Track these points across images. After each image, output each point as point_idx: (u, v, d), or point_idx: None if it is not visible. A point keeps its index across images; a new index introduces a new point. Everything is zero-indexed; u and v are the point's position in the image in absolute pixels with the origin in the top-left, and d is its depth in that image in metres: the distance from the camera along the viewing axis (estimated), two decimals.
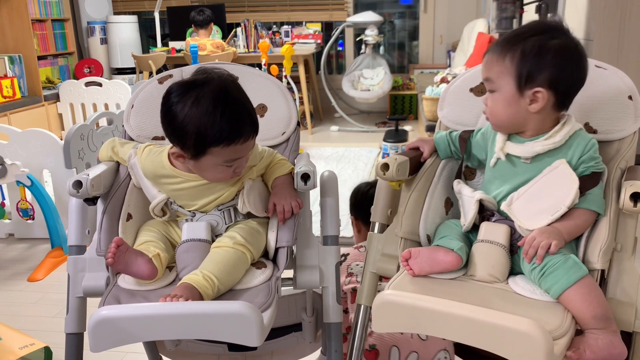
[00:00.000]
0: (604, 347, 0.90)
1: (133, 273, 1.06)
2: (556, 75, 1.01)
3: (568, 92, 1.05)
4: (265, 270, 1.11)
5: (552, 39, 1.02)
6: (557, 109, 1.06)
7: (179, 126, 1.07)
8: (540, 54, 1.01)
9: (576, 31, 2.48)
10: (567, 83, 1.03)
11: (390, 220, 1.20)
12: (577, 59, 1.04)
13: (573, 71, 1.03)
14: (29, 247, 2.71)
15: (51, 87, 4.86)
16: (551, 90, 1.02)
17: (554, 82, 1.02)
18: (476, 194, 1.10)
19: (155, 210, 1.18)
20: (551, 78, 1.01)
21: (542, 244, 0.97)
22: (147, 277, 1.06)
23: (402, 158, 1.14)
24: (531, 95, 1.03)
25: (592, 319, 0.91)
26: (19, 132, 2.65)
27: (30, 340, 1.58)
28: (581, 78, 1.05)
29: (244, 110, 1.10)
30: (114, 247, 1.01)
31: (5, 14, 4.42)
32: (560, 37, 1.03)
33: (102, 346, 0.90)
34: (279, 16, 5.77)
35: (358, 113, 5.75)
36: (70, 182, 1.11)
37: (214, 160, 1.09)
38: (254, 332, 0.90)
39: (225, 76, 1.12)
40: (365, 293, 1.17)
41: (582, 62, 1.05)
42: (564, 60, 1.02)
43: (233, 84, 1.13)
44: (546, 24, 1.08)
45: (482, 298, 0.97)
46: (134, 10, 5.84)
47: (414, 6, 5.78)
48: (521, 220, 1.03)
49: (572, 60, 1.03)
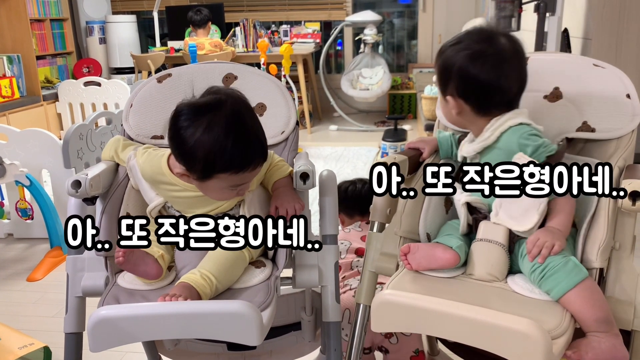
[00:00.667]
0: (607, 351, 0.90)
1: (140, 273, 1.07)
2: (461, 86, 1.08)
3: (484, 98, 1.08)
4: (265, 270, 1.11)
5: (464, 49, 1.07)
6: (481, 113, 1.09)
7: (188, 150, 1.03)
8: (448, 67, 1.09)
9: (575, 30, 2.49)
10: (477, 91, 1.08)
11: (389, 220, 1.20)
12: (493, 66, 1.06)
13: (484, 79, 1.06)
14: (28, 247, 2.70)
15: (50, 86, 4.85)
16: (461, 98, 1.09)
17: (460, 91, 1.09)
18: (462, 197, 1.11)
19: (152, 213, 1.17)
20: (457, 88, 1.09)
21: (547, 244, 0.97)
22: (154, 277, 1.07)
23: (401, 157, 1.14)
24: (450, 101, 1.11)
25: (595, 322, 0.92)
26: (18, 131, 2.65)
27: (30, 340, 1.58)
28: (500, 84, 1.06)
29: (255, 138, 1.06)
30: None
31: (4, 13, 4.41)
32: (475, 46, 1.07)
33: (102, 346, 0.90)
34: (277, 15, 5.76)
35: (357, 112, 5.75)
36: (69, 182, 1.11)
37: (220, 184, 1.06)
38: (253, 332, 0.90)
39: (238, 99, 1.08)
40: (364, 292, 1.17)
41: (500, 69, 1.06)
42: (472, 70, 1.06)
43: (246, 108, 1.09)
44: (472, 32, 1.11)
45: (481, 297, 0.97)
46: (132, 10, 5.83)
47: (413, 5, 5.78)
48: (514, 226, 1.04)
49: (483, 68, 1.06)
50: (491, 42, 1.07)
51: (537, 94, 1.23)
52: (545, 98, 1.22)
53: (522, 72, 1.10)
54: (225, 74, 1.36)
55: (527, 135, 1.04)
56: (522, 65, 1.10)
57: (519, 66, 1.09)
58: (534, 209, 1.01)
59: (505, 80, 1.06)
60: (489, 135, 1.08)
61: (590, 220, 1.05)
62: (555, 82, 1.22)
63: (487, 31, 1.10)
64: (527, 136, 1.04)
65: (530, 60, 1.24)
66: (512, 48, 1.08)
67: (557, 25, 2.26)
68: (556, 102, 1.21)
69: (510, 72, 1.07)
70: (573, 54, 1.32)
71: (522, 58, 1.10)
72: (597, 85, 1.19)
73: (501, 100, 1.08)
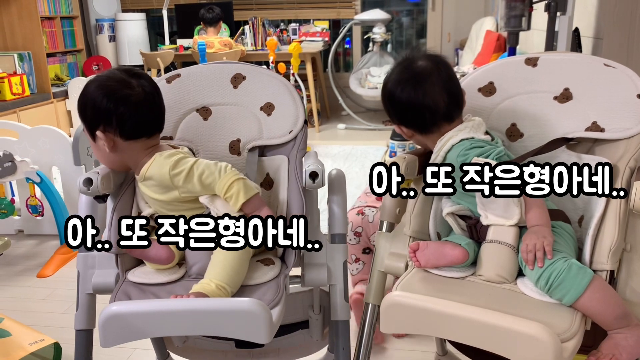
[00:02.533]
0: (635, 345, 0.91)
1: (151, 258, 1.09)
2: (395, 112, 1.17)
3: (416, 118, 1.14)
4: (274, 267, 1.12)
5: (389, 80, 1.16)
6: (424, 133, 1.15)
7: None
8: (384, 98, 1.18)
9: (585, 29, 2.47)
10: (407, 114, 1.15)
11: (398, 219, 1.20)
12: (412, 88, 1.12)
13: (407, 101, 1.13)
14: (38, 243, 2.73)
15: (60, 84, 4.88)
16: (402, 124, 1.17)
17: (397, 117, 1.17)
18: (445, 208, 1.13)
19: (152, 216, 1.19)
20: (394, 115, 1.18)
21: (537, 246, 0.98)
22: (165, 260, 1.09)
23: (411, 157, 1.14)
24: (398, 128, 1.18)
25: (615, 320, 0.92)
26: (29, 129, 2.67)
27: (40, 336, 1.59)
28: (424, 102, 1.12)
29: None
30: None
31: (15, 11, 4.45)
32: (395, 76, 1.15)
33: (112, 341, 0.91)
34: (286, 14, 5.76)
35: (365, 111, 5.74)
36: (81, 179, 1.12)
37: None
38: (262, 329, 0.91)
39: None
40: (373, 292, 1.17)
41: (419, 88, 1.11)
42: (397, 95, 1.14)
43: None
44: (396, 63, 1.19)
45: (491, 299, 0.97)
46: (142, 8, 5.85)
47: (422, 4, 5.76)
48: (504, 223, 1.04)
49: (404, 92, 1.13)
50: (409, 68, 1.14)
51: (546, 94, 1.23)
52: (555, 99, 1.22)
53: (447, 86, 1.13)
54: (234, 74, 1.36)
55: (465, 151, 1.08)
56: (444, 80, 1.13)
57: (440, 81, 1.12)
58: (510, 203, 1.03)
59: (426, 97, 1.11)
60: (436, 156, 1.13)
61: (599, 221, 1.04)
62: (565, 82, 1.22)
63: (408, 59, 1.17)
64: (465, 151, 1.07)
65: (540, 60, 1.24)
66: (431, 67, 1.13)
67: (568, 25, 2.25)
68: (566, 104, 1.21)
69: (430, 88, 1.11)
70: (583, 54, 1.31)
71: (442, 73, 1.13)
72: (607, 85, 1.18)
73: (433, 117, 1.13)
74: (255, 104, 1.34)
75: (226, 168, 1.14)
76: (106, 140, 1.13)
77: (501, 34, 3.99)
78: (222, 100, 1.35)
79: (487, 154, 1.06)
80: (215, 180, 1.12)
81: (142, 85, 1.15)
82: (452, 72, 1.16)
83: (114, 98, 1.11)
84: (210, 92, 1.35)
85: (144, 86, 1.15)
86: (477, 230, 1.10)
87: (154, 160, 1.15)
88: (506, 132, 1.25)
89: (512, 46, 2.46)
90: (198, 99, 1.34)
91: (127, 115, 1.12)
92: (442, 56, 1.18)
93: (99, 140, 1.14)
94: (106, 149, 1.14)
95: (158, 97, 1.19)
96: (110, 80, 1.13)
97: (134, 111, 1.12)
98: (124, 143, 1.14)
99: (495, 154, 1.06)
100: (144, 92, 1.14)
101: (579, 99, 1.20)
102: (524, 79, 1.24)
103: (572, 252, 1.04)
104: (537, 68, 1.24)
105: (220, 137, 1.33)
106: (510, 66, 1.26)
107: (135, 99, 1.13)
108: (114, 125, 1.12)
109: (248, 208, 1.13)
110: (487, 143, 1.09)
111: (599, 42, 2.36)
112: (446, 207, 1.13)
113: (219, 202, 1.14)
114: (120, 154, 1.15)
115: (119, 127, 1.12)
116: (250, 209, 1.13)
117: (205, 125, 1.33)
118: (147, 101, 1.15)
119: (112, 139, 1.13)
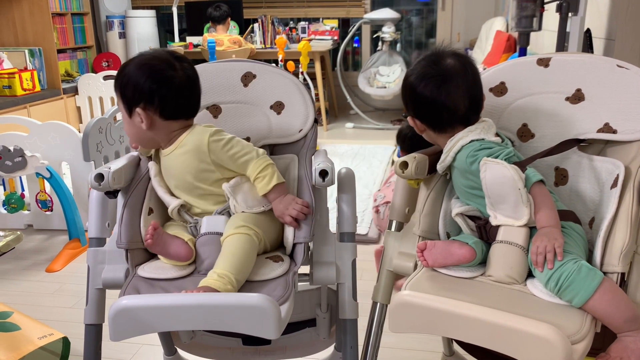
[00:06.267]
0: None
1: (171, 254, 1.11)
2: (413, 105, 1.16)
3: (433, 116, 1.14)
4: (283, 264, 1.12)
5: (413, 73, 1.14)
6: (437, 130, 1.15)
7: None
8: (404, 89, 1.17)
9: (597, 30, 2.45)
10: (426, 110, 1.14)
11: (407, 219, 1.20)
12: (436, 86, 1.11)
13: (429, 98, 1.12)
14: (47, 238, 2.75)
15: (70, 80, 4.91)
16: (417, 118, 1.17)
17: (414, 111, 1.16)
18: (454, 209, 1.13)
19: (172, 213, 1.21)
20: (412, 108, 1.17)
21: (548, 248, 0.97)
22: (184, 257, 1.11)
23: (421, 157, 1.14)
24: (412, 121, 1.18)
25: (624, 323, 0.91)
26: (39, 124, 2.69)
27: (49, 331, 1.60)
28: (445, 102, 1.11)
29: None
30: (151, 230, 1.07)
31: (27, 7, 4.47)
32: (421, 69, 1.13)
33: (122, 335, 0.92)
34: (296, 12, 5.77)
35: (373, 110, 5.73)
36: (92, 175, 1.13)
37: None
38: (271, 325, 0.91)
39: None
40: (382, 291, 1.17)
41: (443, 88, 1.11)
42: (419, 90, 1.13)
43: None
44: (424, 57, 1.18)
45: (500, 300, 0.96)
46: (152, 5, 5.87)
47: (431, 3, 5.75)
48: (513, 223, 1.04)
49: (427, 88, 1.12)
50: (437, 63, 1.13)
51: (558, 95, 1.22)
52: (567, 100, 1.21)
53: (471, 90, 1.13)
54: (245, 72, 1.36)
55: (474, 152, 1.08)
56: (469, 83, 1.13)
57: (465, 84, 1.12)
58: (519, 203, 1.02)
59: (449, 98, 1.11)
60: (446, 157, 1.13)
61: (610, 222, 1.04)
62: (577, 83, 1.21)
63: (436, 53, 1.16)
64: (474, 152, 1.07)
65: (552, 61, 1.24)
66: (458, 67, 1.12)
67: (580, 26, 2.23)
68: (578, 104, 1.20)
69: (454, 90, 1.11)
70: (596, 55, 1.30)
71: (469, 76, 1.13)
72: (620, 87, 1.18)
73: (451, 118, 1.12)
74: (266, 103, 1.35)
75: (263, 152, 1.19)
76: (145, 118, 1.15)
77: (511, 34, 3.97)
78: (233, 98, 1.35)
79: (496, 154, 1.06)
80: (253, 159, 1.16)
81: (185, 68, 1.17)
82: (477, 77, 1.15)
83: (158, 78, 1.14)
84: (221, 90, 1.36)
85: (186, 69, 1.18)
86: (486, 231, 1.09)
87: (194, 129, 1.19)
88: (517, 133, 1.24)
89: (523, 47, 2.44)
90: (208, 96, 1.34)
91: (170, 96, 1.15)
92: (470, 57, 1.17)
93: (135, 117, 1.16)
94: (142, 126, 1.16)
95: (198, 81, 1.22)
96: (155, 60, 1.16)
97: (177, 93, 1.15)
98: (162, 122, 1.16)
99: (504, 155, 1.06)
100: (186, 75, 1.17)
101: (591, 100, 1.19)
102: (536, 80, 1.24)
103: (582, 253, 1.03)
104: (549, 68, 1.23)
105: None
106: (522, 66, 1.26)
107: (178, 80, 1.15)
108: (155, 104, 1.14)
109: (274, 193, 1.16)
110: (497, 144, 1.09)
111: (611, 43, 2.34)
112: (455, 207, 1.13)
113: (240, 196, 1.17)
114: (155, 132, 1.18)
115: (160, 107, 1.14)
116: (276, 194, 1.16)
117: (216, 123, 1.33)
118: (189, 84, 1.18)
119: (150, 117, 1.15)
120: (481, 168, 1.04)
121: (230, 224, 1.13)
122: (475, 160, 1.06)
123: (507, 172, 1.02)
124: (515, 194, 1.02)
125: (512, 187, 1.01)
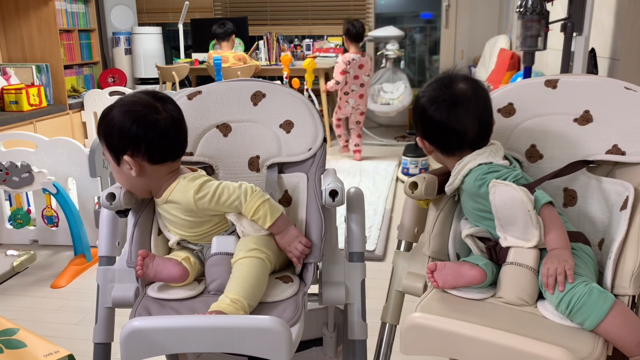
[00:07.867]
0: None
1: (165, 278, 1.09)
2: (423, 127, 1.17)
3: (442, 139, 1.15)
4: (292, 285, 1.12)
5: (425, 95, 1.15)
6: (445, 153, 1.16)
7: None
8: (414, 110, 1.19)
9: (602, 50, 2.47)
10: (435, 132, 1.16)
11: (416, 239, 1.20)
12: (446, 109, 1.12)
13: (438, 121, 1.13)
14: (52, 253, 2.74)
15: (76, 95, 4.94)
16: (426, 139, 1.18)
17: (423, 132, 1.18)
18: (464, 230, 1.14)
19: (173, 247, 1.20)
20: (421, 129, 1.18)
21: (558, 270, 0.97)
22: (179, 278, 1.10)
23: (431, 177, 1.15)
24: (421, 142, 1.19)
25: (637, 346, 0.91)
26: (46, 140, 2.70)
27: (55, 348, 1.59)
28: (454, 126, 1.12)
29: None
30: (140, 260, 1.06)
31: (35, 24, 4.52)
32: (433, 92, 1.14)
33: (134, 357, 0.92)
34: (300, 30, 5.82)
35: (377, 127, 5.75)
36: (104, 194, 1.13)
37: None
38: (282, 348, 0.91)
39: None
40: (391, 311, 1.17)
41: (453, 112, 1.12)
42: (429, 112, 1.14)
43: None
44: (436, 79, 1.19)
45: (511, 322, 0.96)
46: (158, 22, 5.92)
47: (435, 21, 5.79)
48: (523, 245, 1.04)
49: (437, 112, 1.13)
50: (448, 87, 1.14)
51: (566, 116, 1.23)
52: (575, 121, 1.22)
53: (481, 115, 1.14)
54: (254, 91, 1.38)
55: (482, 175, 1.08)
56: (479, 108, 1.13)
57: (476, 110, 1.13)
58: (529, 224, 1.03)
59: (458, 122, 1.12)
60: (454, 179, 1.13)
61: (620, 244, 1.04)
62: (585, 104, 1.22)
63: (448, 77, 1.17)
64: (482, 175, 1.08)
65: (560, 83, 1.25)
66: (470, 93, 1.13)
67: (584, 45, 2.25)
68: (586, 126, 1.21)
69: (464, 115, 1.12)
70: (603, 77, 1.31)
71: (480, 102, 1.14)
72: (628, 108, 1.18)
73: (460, 141, 1.13)
74: (275, 122, 1.36)
75: (251, 190, 1.15)
76: (133, 165, 1.12)
77: (515, 52, 4.00)
78: (242, 117, 1.36)
79: (504, 177, 1.06)
80: (241, 204, 1.14)
81: (168, 109, 1.15)
82: (488, 102, 1.16)
83: (143, 123, 1.11)
84: (231, 109, 1.37)
85: (170, 110, 1.15)
86: (496, 252, 1.09)
87: (178, 183, 1.15)
88: (525, 153, 1.25)
89: (528, 66, 2.46)
90: (218, 115, 1.35)
91: (157, 141, 1.11)
92: (481, 82, 1.18)
93: (124, 165, 1.13)
94: (132, 173, 1.13)
95: (183, 121, 1.19)
96: (137, 105, 1.12)
97: (163, 136, 1.12)
98: (150, 167, 1.14)
99: (512, 177, 1.06)
100: (171, 117, 1.14)
101: (600, 122, 1.20)
102: (544, 101, 1.25)
103: (593, 275, 1.03)
104: (557, 90, 1.24)
105: (240, 154, 1.34)
106: (530, 87, 1.27)
107: (163, 123, 1.12)
108: (142, 150, 1.11)
109: (274, 229, 1.15)
110: (505, 167, 1.10)
111: (616, 62, 2.36)
112: (465, 228, 1.13)
113: (245, 221, 1.16)
114: (145, 178, 1.15)
115: (147, 152, 1.11)
116: (276, 229, 1.15)
117: (225, 142, 1.34)
118: (175, 126, 1.15)
119: (139, 164, 1.12)
120: (490, 190, 1.05)
121: (241, 247, 1.12)
122: (484, 183, 1.06)
123: (516, 194, 1.02)
124: (525, 216, 1.02)
125: (521, 208, 1.02)
